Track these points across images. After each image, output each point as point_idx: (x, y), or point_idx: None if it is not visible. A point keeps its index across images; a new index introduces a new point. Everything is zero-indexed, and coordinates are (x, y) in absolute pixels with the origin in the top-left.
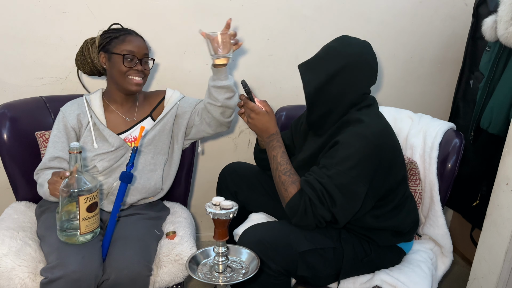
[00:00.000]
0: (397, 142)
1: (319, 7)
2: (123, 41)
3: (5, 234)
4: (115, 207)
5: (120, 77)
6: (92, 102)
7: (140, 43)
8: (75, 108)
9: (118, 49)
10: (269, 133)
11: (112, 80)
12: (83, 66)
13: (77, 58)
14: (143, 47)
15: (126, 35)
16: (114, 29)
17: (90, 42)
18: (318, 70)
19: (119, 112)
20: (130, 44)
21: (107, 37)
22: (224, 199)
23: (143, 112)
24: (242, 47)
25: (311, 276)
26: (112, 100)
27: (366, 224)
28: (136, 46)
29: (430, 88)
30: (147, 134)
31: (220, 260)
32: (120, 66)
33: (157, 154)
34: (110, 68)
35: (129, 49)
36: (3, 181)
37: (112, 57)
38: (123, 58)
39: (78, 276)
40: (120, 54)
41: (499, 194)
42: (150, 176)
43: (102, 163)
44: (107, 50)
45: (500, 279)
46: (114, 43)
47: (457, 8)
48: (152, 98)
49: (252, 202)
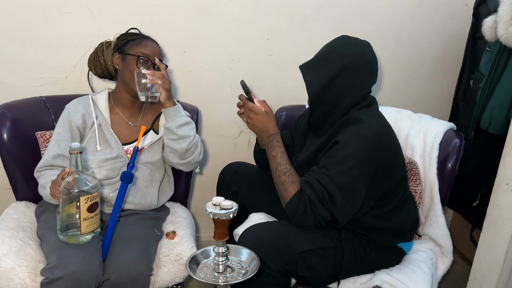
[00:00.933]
0: (397, 142)
1: (319, 7)
2: (139, 44)
3: (5, 234)
4: (115, 207)
5: (132, 78)
6: (98, 102)
7: (155, 48)
8: (80, 107)
9: (133, 51)
10: (268, 133)
11: (122, 82)
12: (95, 67)
13: (90, 59)
14: (158, 52)
15: (143, 39)
16: (132, 33)
17: (105, 45)
18: (319, 70)
19: (124, 116)
20: (145, 47)
21: (123, 39)
22: (224, 199)
23: (147, 118)
24: (242, 47)
25: (311, 276)
26: (118, 102)
27: (366, 224)
28: (151, 50)
29: (430, 88)
30: (146, 150)
31: (220, 260)
32: (133, 67)
33: (154, 171)
34: (123, 69)
35: (144, 52)
36: (3, 181)
37: (126, 57)
38: (137, 59)
39: (78, 276)
40: (134, 55)
41: (499, 194)
42: (146, 192)
43: (100, 170)
44: (122, 51)
45: (500, 279)
46: (130, 45)
47: (457, 8)
48: (156, 105)
49: (252, 202)
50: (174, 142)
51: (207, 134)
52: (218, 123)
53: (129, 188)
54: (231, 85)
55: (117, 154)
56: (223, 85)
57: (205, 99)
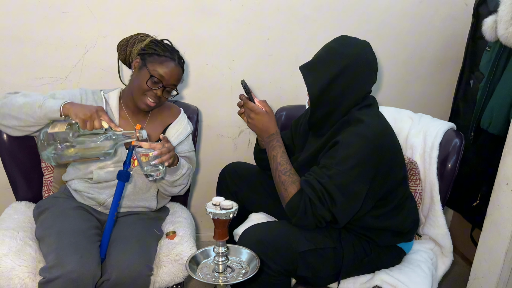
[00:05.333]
0: (397, 142)
1: (319, 7)
2: (161, 63)
3: (5, 234)
4: (113, 206)
5: (138, 91)
6: (109, 101)
7: (174, 72)
8: (92, 98)
9: (151, 66)
10: (269, 133)
11: (130, 87)
12: (121, 52)
13: (120, 44)
14: (176, 78)
15: (167, 59)
16: (164, 46)
17: (139, 39)
18: (320, 71)
19: (130, 119)
20: (164, 69)
21: (153, 48)
22: (224, 199)
23: (153, 126)
24: (242, 47)
25: (311, 276)
26: (126, 104)
27: (366, 224)
28: (169, 74)
29: (430, 88)
30: None
31: (220, 260)
32: (143, 82)
33: None
34: (135, 77)
35: (160, 73)
36: (3, 181)
37: (143, 68)
38: (150, 77)
39: (76, 276)
40: (149, 72)
41: (499, 194)
42: (145, 197)
43: (99, 172)
44: (144, 59)
45: (500, 279)
46: (153, 59)
47: (457, 8)
48: (165, 113)
49: (252, 202)
50: (167, 186)
51: (207, 134)
52: (218, 123)
53: (127, 192)
54: (231, 85)
55: (119, 158)
56: (223, 85)
57: (205, 99)
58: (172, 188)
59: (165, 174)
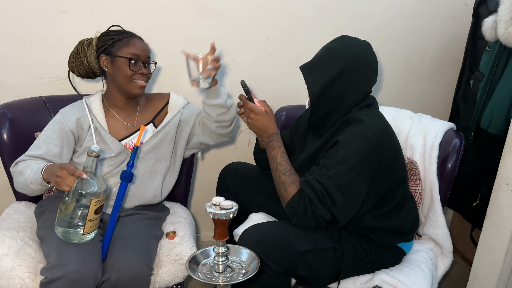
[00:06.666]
0: (397, 142)
1: (319, 7)
2: (127, 44)
3: (5, 234)
4: (115, 206)
5: (125, 80)
6: (92, 106)
7: (143, 46)
8: (75, 111)
9: (123, 52)
10: (268, 133)
11: (114, 84)
12: (78, 68)
13: (71, 60)
14: (147, 50)
15: (130, 38)
16: (115, 31)
17: (86, 43)
18: (320, 71)
19: (120, 117)
20: (134, 47)
21: (109, 39)
22: (224, 199)
23: (144, 117)
24: (242, 47)
25: (311, 276)
26: (112, 104)
27: (366, 224)
28: (141, 49)
29: (430, 88)
30: (149, 141)
31: (220, 260)
32: (126, 69)
33: (158, 161)
34: (113, 72)
35: (134, 52)
36: (3, 181)
37: (116, 60)
38: (129, 62)
39: (77, 276)
40: (125, 58)
41: (499, 194)
42: (149, 184)
43: (101, 167)
44: (109, 52)
45: (500, 279)
46: (118, 46)
47: (457, 8)
48: (154, 102)
49: (252, 202)
50: (225, 115)
51: None
52: None
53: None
54: (231, 85)
55: (118, 152)
56: (223, 85)
57: None
58: (228, 114)
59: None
